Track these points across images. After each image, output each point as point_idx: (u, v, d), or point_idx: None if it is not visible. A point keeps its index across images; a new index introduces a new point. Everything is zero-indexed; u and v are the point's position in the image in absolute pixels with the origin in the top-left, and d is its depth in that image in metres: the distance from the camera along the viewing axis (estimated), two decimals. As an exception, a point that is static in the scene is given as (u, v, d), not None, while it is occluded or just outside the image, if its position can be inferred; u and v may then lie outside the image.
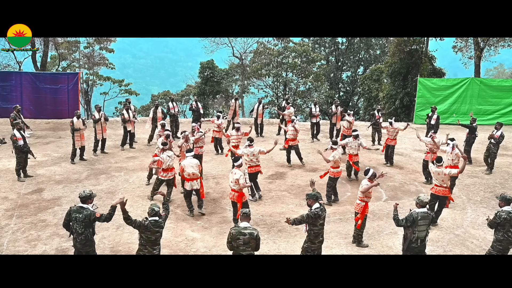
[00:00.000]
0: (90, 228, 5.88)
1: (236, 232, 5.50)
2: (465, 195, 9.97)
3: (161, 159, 8.91)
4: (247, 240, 5.46)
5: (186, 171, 8.53)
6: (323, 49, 29.51)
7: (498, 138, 11.19)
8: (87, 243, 5.89)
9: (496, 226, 6.21)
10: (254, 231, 5.55)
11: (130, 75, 65.53)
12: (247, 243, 5.47)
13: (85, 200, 5.93)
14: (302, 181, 10.72)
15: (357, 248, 7.49)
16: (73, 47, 21.73)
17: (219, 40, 25.34)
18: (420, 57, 19.82)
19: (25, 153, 10.31)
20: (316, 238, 6.17)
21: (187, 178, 8.56)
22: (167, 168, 8.90)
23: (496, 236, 6.28)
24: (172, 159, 8.93)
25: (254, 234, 5.51)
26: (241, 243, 5.47)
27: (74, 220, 5.82)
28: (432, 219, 6.18)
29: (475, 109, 17.78)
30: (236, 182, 7.86)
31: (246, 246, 5.48)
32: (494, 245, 6.28)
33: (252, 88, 25.70)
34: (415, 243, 6.09)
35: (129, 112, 13.22)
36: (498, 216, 6.17)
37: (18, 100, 16.37)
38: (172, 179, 9.03)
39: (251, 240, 5.47)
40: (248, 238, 5.46)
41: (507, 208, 6.22)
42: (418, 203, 6.18)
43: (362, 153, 12.92)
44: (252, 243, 5.50)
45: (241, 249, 5.49)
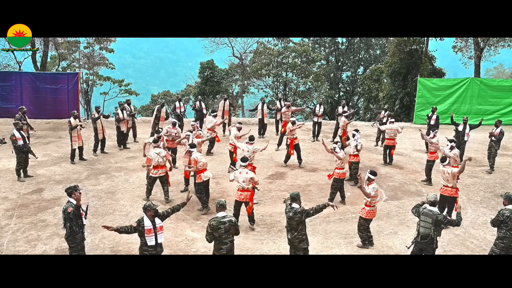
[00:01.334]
0: (69, 223, 5.93)
1: (216, 223, 5.75)
2: (465, 195, 9.97)
3: (149, 156, 8.98)
4: (227, 228, 5.77)
5: (201, 161, 8.63)
6: (323, 49, 29.50)
7: (498, 135, 11.38)
8: (69, 238, 6.00)
9: (499, 224, 6.28)
10: (232, 218, 5.92)
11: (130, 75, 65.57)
12: (228, 231, 5.79)
13: (70, 193, 6.05)
14: (302, 181, 10.72)
15: (357, 248, 7.49)
16: (73, 47, 21.73)
17: (219, 40, 25.34)
18: (420, 57, 19.82)
19: (25, 153, 10.31)
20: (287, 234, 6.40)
21: (201, 170, 8.63)
22: (157, 165, 8.94)
23: (498, 234, 6.34)
24: (162, 156, 8.94)
25: (233, 220, 5.88)
26: (223, 231, 5.75)
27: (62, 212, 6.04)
28: (437, 220, 6.11)
29: (475, 109, 17.81)
30: (251, 181, 7.92)
31: (227, 234, 5.79)
32: (497, 242, 6.34)
33: (252, 88, 25.71)
34: (418, 238, 6.24)
35: (124, 112, 13.22)
36: (501, 214, 6.25)
37: (18, 100, 16.40)
38: (164, 176, 9.09)
39: (231, 227, 5.81)
40: (228, 226, 5.78)
41: (510, 206, 6.29)
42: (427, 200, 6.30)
43: (362, 153, 12.92)
44: (232, 230, 5.84)
45: (223, 237, 5.76)
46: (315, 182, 10.66)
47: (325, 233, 8.02)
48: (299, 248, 6.25)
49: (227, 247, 5.78)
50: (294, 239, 6.25)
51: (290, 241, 6.32)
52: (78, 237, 6.05)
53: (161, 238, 5.78)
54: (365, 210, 7.31)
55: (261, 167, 11.65)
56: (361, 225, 7.39)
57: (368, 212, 7.31)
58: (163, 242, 5.88)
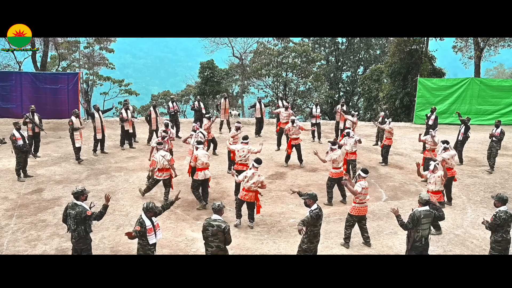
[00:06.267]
0: (83, 226, 5.94)
1: (206, 223, 5.76)
2: (465, 195, 9.97)
3: (155, 159, 9.02)
4: (215, 232, 5.67)
5: (200, 160, 8.76)
6: (323, 49, 29.50)
7: (499, 135, 11.35)
8: (80, 240, 5.98)
9: (496, 228, 6.14)
10: (223, 224, 5.71)
11: (130, 75, 65.51)
12: (215, 235, 5.68)
13: (78, 197, 6.01)
14: (302, 181, 10.73)
15: (357, 248, 7.49)
16: (73, 47, 21.72)
17: (219, 40, 25.34)
18: (420, 57, 19.82)
19: (24, 153, 10.31)
20: (315, 237, 6.27)
21: (200, 168, 8.79)
22: (162, 168, 8.96)
23: (494, 237, 6.19)
24: (167, 159, 8.96)
25: (222, 226, 5.68)
26: (209, 234, 5.70)
27: (68, 216, 5.97)
28: (435, 216, 6.14)
29: (475, 109, 17.81)
30: (262, 183, 8.07)
31: (214, 238, 5.69)
32: (494, 246, 6.23)
33: (252, 88, 25.72)
34: (419, 242, 6.07)
35: (128, 112, 13.22)
36: (498, 217, 6.09)
37: (18, 100, 16.37)
38: (168, 179, 9.10)
39: (218, 232, 5.67)
40: (215, 230, 5.66)
41: (503, 208, 6.16)
42: (419, 201, 6.19)
43: (362, 153, 12.94)
44: (220, 236, 5.68)
45: (209, 239, 5.72)
46: (315, 182, 10.66)
47: (325, 233, 8.02)
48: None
49: (212, 250, 5.72)
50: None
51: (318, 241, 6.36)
52: (89, 238, 6.10)
53: (160, 234, 6.01)
54: (352, 206, 7.36)
55: (261, 167, 11.61)
56: (347, 221, 7.45)
57: (353, 208, 7.33)
58: (163, 242, 5.90)
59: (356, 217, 7.36)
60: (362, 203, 7.30)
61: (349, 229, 7.45)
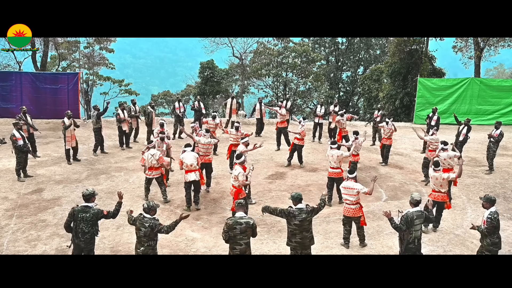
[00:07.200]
0: (96, 226, 5.99)
1: (232, 222, 5.64)
2: (465, 195, 9.97)
3: (144, 156, 9.14)
4: (243, 229, 5.61)
5: (185, 162, 8.80)
6: (323, 49, 29.51)
7: (497, 136, 11.27)
8: (92, 241, 6.02)
9: (494, 230, 6.05)
10: (250, 220, 5.69)
11: (130, 75, 65.41)
12: (244, 232, 5.62)
13: (89, 198, 5.98)
14: (302, 181, 10.72)
15: (357, 248, 7.49)
16: (73, 47, 21.73)
17: (219, 40, 25.32)
18: (420, 57, 19.82)
19: (24, 153, 10.31)
20: (293, 237, 6.16)
21: (186, 170, 8.82)
22: (151, 166, 9.02)
23: (490, 240, 6.07)
24: (156, 158, 8.99)
25: (250, 223, 5.67)
26: (238, 232, 5.60)
27: (80, 219, 5.85)
28: (426, 217, 6.14)
29: (475, 109, 17.81)
30: (235, 178, 8.00)
31: (243, 235, 5.62)
32: (490, 248, 6.09)
33: (252, 88, 25.71)
34: (412, 243, 6.06)
35: (124, 112, 13.22)
36: (494, 219, 5.99)
37: (18, 100, 16.37)
38: (160, 177, 9.22)
39: (247, 229, 5.63)
40: (244, 227, 5.61)
41: (493, 208, 6.09)
42: (411, 201, 6.18)
43: (362, 153, 12.92)
44: (248, 232, 5.66)
45: (238, 238, 5.61)
46: (315, 182, 10.66)
47: (325, 233, 8.02)
48: (308, 247, 6.21)
49: (241, 248, 5.63)
50: (305, 239, 6.13)
51: (299, 243, 6.13)
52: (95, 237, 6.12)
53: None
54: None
55: (261, 167, 11.66)
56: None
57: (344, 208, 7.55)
58: (163, 242, 5.90)
59: (345, 217, 7.50)
60: (350, 203, 7.37)
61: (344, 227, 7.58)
